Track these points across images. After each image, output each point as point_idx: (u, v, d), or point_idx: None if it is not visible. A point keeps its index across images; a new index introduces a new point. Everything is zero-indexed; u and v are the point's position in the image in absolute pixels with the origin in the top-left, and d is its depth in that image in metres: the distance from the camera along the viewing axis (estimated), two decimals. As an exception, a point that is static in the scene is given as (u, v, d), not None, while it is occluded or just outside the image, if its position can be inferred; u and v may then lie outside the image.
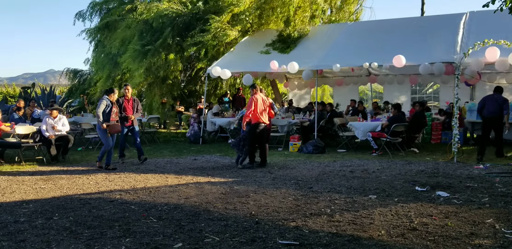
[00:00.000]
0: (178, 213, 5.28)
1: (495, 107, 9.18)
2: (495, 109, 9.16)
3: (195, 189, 6.70)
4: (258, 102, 8.62)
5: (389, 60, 10.65)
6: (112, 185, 7.12)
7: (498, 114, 9.13)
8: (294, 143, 11.19)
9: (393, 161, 9.15)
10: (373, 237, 4.26)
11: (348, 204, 5.61)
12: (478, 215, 4.99)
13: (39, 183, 7.42)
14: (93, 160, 10.12)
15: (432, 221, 4.79)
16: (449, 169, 8.09)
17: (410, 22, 13.50)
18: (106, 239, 4.33)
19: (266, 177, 7.59)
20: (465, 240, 4.14)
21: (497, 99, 9.26)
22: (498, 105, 9.15)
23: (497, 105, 9.17)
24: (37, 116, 12.85)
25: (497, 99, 9.26)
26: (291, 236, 4.33)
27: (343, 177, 7.47)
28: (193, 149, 11.83)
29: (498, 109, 9.14)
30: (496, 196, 5.90)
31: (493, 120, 9.21)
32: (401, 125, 10.07)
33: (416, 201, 5.68)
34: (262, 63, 12.68)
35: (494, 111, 9.17)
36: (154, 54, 14.15)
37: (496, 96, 9.34)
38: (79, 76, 19.97)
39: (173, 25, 14.18)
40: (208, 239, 4.28)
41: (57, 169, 8.97)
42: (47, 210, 5.51)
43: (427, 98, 18.07)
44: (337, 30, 13.87)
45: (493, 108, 9.20)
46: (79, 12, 17.18)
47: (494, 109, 9.19)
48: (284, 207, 5.47)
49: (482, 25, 11.26)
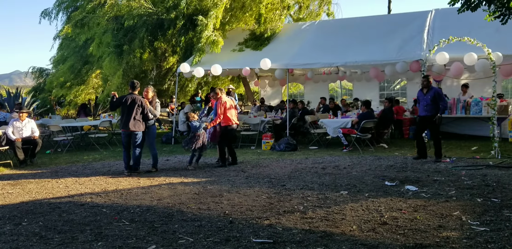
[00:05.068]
0: (151, 215, 5.24)
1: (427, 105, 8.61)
2: (428, 108, 8.60)
3: (168, 190, 6.66)
4: (226, 105, 8.67)
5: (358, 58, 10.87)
6: (82, 188, 7.00)
7: (430, 112, 8.55)
8: (266, 141, 11.24)
9: (363, 157, 9.31)
10: (345, 233, 4.34)
11: (320, 200, 5.69)
12: (446, 208, 5.14)
13: (6, 187, 7.23)
14: (62, 163, 9.93)
15: (402, 215, 4.90)
16: (417, 163, 8.28)
17: (378, 19, 13.75)
18: (78, 243, 4.26)
19: (239, 176, 7.61)
20: (433, 232, 4.26)
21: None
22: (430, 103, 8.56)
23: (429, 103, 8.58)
24: (3, 119, 12.51)
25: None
26: (265, 234, 4.36)
27: (315, 174, 7.56)
28: (165, 150, 11.75)
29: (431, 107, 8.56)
30: (462, 188, 6.08)
31: (427, 119, 8.63)
32: (370, 121, 10.26)
33: (386, 196, 5.81)
34: (236, 61, 12.69)
35: (426, 109, 8.63)
36: (130, 53, 14.01)
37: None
38: (45, 75, 19.54)
39: (147, 25, 14.04)
40: (182, 240, 4.27)
41: (25, 172, 8.76)
42: (16, 216, 5.38)
43: (395, 95, 18.41)
44: (307, 28, 13.99)
45: (425, 107, 8.67)
46: (44, 11, 16.77)
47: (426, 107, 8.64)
48: (257, 206, 5.50)
49: (447, 22, 11.57)
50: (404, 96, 18.03)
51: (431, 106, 8.48)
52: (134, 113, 7.97)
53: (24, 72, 28.35)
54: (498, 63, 9.57)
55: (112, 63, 13.96)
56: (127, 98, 8.04)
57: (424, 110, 8.62)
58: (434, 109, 8.47)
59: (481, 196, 5.64)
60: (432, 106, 8.48)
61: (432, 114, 8.48)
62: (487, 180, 6.58)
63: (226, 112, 8.65)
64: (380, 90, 17.58)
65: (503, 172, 7.19)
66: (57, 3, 16.70)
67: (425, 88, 8.63)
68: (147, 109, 8.17)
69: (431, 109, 8.49)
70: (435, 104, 8.46)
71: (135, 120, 8.00)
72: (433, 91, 8.52)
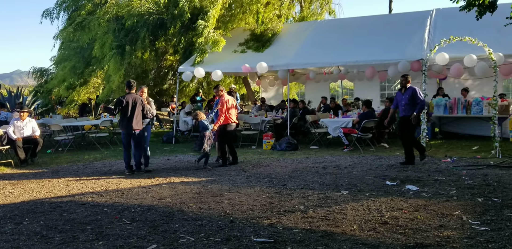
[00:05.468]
0: (151, 214, 5.25)
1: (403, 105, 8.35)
2: (406, 108, 8.29)
3: (168, 189, 6.67)
4: (228, 104, 8.67)
5: (359, 58, 10.88)
6: (83, 188, 7.00)
7: (409, 112, 8.20)
8: (267, 140, 11.24)
9: (364, 157, 9.31)
10: (346, 232, 4.34)
11: (321, 200, 5.69)
12: (446, 207, 5.14)
13: (7, 187, 7.24)
14: (63, 162, 9.94)
15: (402, 214, 4.90)
16: (418, 163, 8.27)
17: (378, 19, 13.74)
18: (79, 242, 4.27)
19: (240, 176, 7.61)
20: (434, 232, 4.26)
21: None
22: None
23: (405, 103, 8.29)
24: (4, 119, 12.51)
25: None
26: (265, 233, 4.36)
27: (316, 173, 7.56)
28: (166, 149, 11.75)
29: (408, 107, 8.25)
30: (463, 188, 6.08)
31: (406, 120, 8.25)
32: (371, 121, 10.26)
33: (387, 195, 5.81)
34: (237, 62, 12.70)
35: (405, 109, 8.31)
36: (132, 54, 14.02)
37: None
38: (46, 75, 19.57)
39: (148, 25, 14.05)
40: (183, 239, 4.27)
41: (26, 172, 8.77)
42: (17, 215, 5.39)
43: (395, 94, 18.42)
44: (308, 28, 13.98)
45: (403, 107, 8.35)
46: (46, 10, 16.81)
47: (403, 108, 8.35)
48: (258, 205, 5.50)
49: (448, 22, 11.56)
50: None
51: (410, 106, 8.15)
52: (136, 112, 8.02)
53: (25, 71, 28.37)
54: (500, 63, 9.57)
55: (115, 64, 13.98)
56: (127, 98, 8.03)
57: (402, 110, 8.29)
58: (412, 109, 8.12)
59: (482, 195, 5.64)
60: (411, 106, 8.14)
61: (410, 114, 8.14)
62: (488, 180, 6.57)
63: (227, 111, 8.66)
64: (381, 90, 17.58)
65: (504, 172, 7.19)
66: (58, 2, 16.74)
67: (403, 87, 8.33)
68: (147, 108, 8.23)
69: (410, 109, 8.14)
70: (413, 104, 8.12)
71: (137, 119, 8.05)
72: (410, 91, 8.19)
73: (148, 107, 8.31)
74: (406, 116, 8.19)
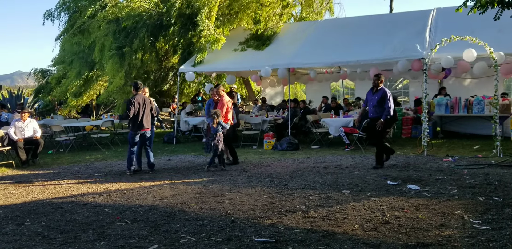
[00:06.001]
0: (153, 214, 5.25)
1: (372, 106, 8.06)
2: (374, 109, 8.00)
3: (169, 189, 6.67)
4: (229, 104, 8.69)
5: (360, 57, 10.89)
6: (84, 188, 7.01)
7: (377, 114, 7.92)
8: (268, 140, 11.24)
9: (365, 156, 9.30)
10: (347, 232, 4.34)
11: (322, 200, 5.69)
12: (448, 206, 5.14)
13: (8, 188, 7.25)
14: (64, 163, 9.96)
15: (404, 214, 4.90)
16: (419, 163, 8.28)
17: (379, 18, 13.73)
18: (80, 243, 4.27)
19: (241, 175, 7.61)
20: (435, 231, 4.25)
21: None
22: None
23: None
24: (5, 120, 12.52)
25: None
26: (267, 233, 4.36)
27: (317, 173, 7.56)
28: (167, 149, 11.76)
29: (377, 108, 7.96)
30: (464, 187, 6.08)
31: (375, 121, 7.92)
32: (372, 120, 10.23)
33: (388, 195, 5.80)
34: (238, 61, 12.70)
35: (373, 111, 8.02)
36: (131, 55, 14.03)
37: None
38: (47, 76, 19.58)
39: (147, 26, 14.05)
40: (184, 239, 4.28)
41: (28, 173, 8.78)
42: (18, 216, 5.40)
43: (397, 94, 18.40)
44: (309, 28, 13.96)
45: (372, 108, 8.06)
46: (47, 11, 16.82)
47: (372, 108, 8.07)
48: (259, 205, 5.50)
49: (449, 21, 11.53)
50: (406, 95, 18.02)
51: (378, 108, 7.83)
52: (146, 112, 8.18)
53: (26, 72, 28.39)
54: (500, 63, 9.56)
55: (114, 66, 13.98)
56: (137, 99, 8.11)
57: (371, 111, 7.99)
58: (380, 111, 7.81)
59: (483, 194, 5.64)
60: (379, 108, 7.83)
61: (377, 117, 7.82)
62: (489, 179, 6.57)
63: (227, 111, 8.66)
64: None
65: (505, 171, 7.18)
66: (59, 3, 16.75)
67: (374, 87, 7.97)
68: (154, 108, 8.43)
69: (378, 111, 7.84)
70: (381, 106, 7.81)
71: (147, 119, 8.21)
72: (381, 93, 7.81)
73: (155, 107, 8.49)
74: (374, 118, 7.91)
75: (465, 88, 13.96)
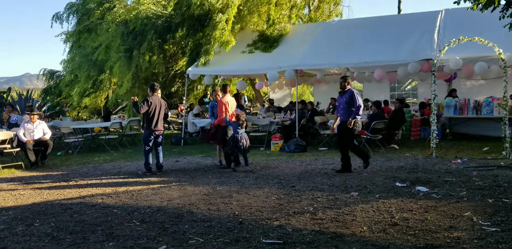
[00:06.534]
0: (161, 215, 5.27)
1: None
2: (343, 112, 7.77)
3: (177, 190, 6.69)
4: (228, 105, 8.69)
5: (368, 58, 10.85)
6: (93, 189, 7.05)
7: (347, 117, 7.67)
8: (275, 142, 11.24)
9: (373, 158, 9.26)
10: (356, 234, 4.32)
11: (331, 201, 5.67)
12: (457, 208, 5.11)
13: (18, 189, 7.31)
14: (73, 164, 10.02)
15: (413, 215, 4.88)
16: (428, 164, 8.23)
17: (387, 20, 13.69)
18: (89, 243, 4.30)
19: (249, 177, 7.61)
20: (444, 233, 4.23)
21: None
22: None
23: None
24: (14, 121, 12.61)
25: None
26: (274, 235, 4.36)
27: (325, 175, 7.54)
28: (175, 151, 11.79)
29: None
30: (473, 189, 6.03)
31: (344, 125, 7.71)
32: (381, 122, 10.21)
33: (397, 197, 5.78)
34: (245, 64, 12.71)
35: (342, 114, 7.80)
36: (139, 57, 14.11)
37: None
38: (55, 77, 19.73)
39: (155, 28, 14.11)
40: (192, 240, 4.29)
41: (37, 174, 8.84)
42: (28, 217, 5.44)
43: (405, 95, 18.32)
44: (317, 29, 13.97)
45: (341, 111, 7.83)
46: (56, 14, 16.96)
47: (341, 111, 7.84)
48: (267, 207, 5.50)
49: (458, 22, 11.49)
50: (415, 97, 17.94)
51: (347, 110, 7.59)
52: (161, 114, 8.28)
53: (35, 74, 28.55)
54: (510, 64, 9.50)
55: (121, 68, 14.06)
56: (154, 100, 8.19)
57: (341, 114, 7.74)
58: (350, 113, 7.55)
59: (492, 196, 5.59)
60: (348, 110, 7.57)
61: (347, 120, 7.61)
62: (498, 181, 6.52)
63: (227, 112, 8.67)
64: (391, 91, 17.49)
65: (515, 173, 7.12)
66: (67, 6, 16.89)
67: (342, 89, 7.77)
68: (166, 111, 8.57)
69: (347, 113, 7.59)
70: (350, 107, 7.55)
71: (161, 121, 8.33)
72: (348, 94, 7.59)
73: (167, 110, 8.63)
74: (344, 121, 7.65)
75: (474, 89, 13.89)
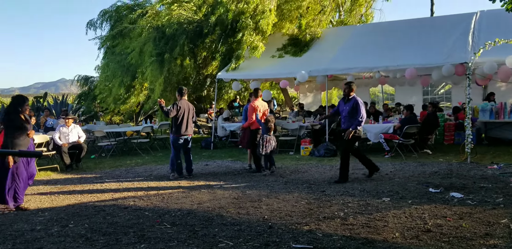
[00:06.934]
0: (191, 218, 5.31)
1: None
2: (346, 120, 7.53)
3: (207, 194, 6.73)
4: (257, 110, 8.69)
5: (400, 61, 10.67)
6: (125, 192, 7.17)
7: (348, 125, 7.42)
8: (305, 146, 11.18)
9: (406, 163, 9.09)
10: (387, 240, 4.24)
11: (362, 207, 5.59)
12: (493, 215, 4.94)
13: (53, 191, 7.51)
14: (106, 167, 10.22)
15: (446, 222, 4.75)
16: (462, 170, 8.01)
17: (420, 22, 13.45)
18: (122, 245, 4.37)
19: (278, 181, 7.59)
20: (479, 240, 4.10)
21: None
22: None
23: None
24: (50, 125, 13.03)
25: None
26: (304, 240, 4.32)
27: (356, 180, 7.45)
28: (205, 155, 11.88)
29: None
30: (510, 196, 5.83)
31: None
32: (413, 126, 10.00)
33: (430, 203, 5.64)
34: (275, 68, 12.71)
35: (344, 121, 7.56)
36: (171, 61, 14.33)
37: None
38: (89, 83, 20.24)
39: (187, 33, 14.31)
40: (222, 244, 4.30)
41: (71, 176, 9.07)
42: (63, 218, 5.58)
43: (439, 99, 17.96)
44: (348, 32, 13.85)
45: (344, 118, 7.60)
46: (90, 21, 17.46)
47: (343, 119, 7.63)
48: (297, 211, 5.46)
49: (493, 24, 11.18)
50: (448, 101, 17.54)
51: (350, 119, 7.32)
52: (190, 118, 8.35)
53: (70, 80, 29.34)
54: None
55: (154, 72, 14.30)
56: (183, 104, 8.27)
57: (343, 122, 7.51)
58: (352, 122, 7.29)
59: (532, 204, 5.40)
60: (351, 119, 7.32)
61: (348, 128, 7.33)
62: (538, 187, 6.28)
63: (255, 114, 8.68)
64: (424, 94, 17.16)
65: (556, 179, 6.85)
66: (101, 13, 17.34)
67: (346, 96, 7.51)
68: (194, 115, 8.63)
69: (349, 122, 7.32)
70: (353, 117, 7.29)
71: (190, 125, 8.39)
72: (352, 102, 7.32)
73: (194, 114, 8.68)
74: (345, 129, 7.39)
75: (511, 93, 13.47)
